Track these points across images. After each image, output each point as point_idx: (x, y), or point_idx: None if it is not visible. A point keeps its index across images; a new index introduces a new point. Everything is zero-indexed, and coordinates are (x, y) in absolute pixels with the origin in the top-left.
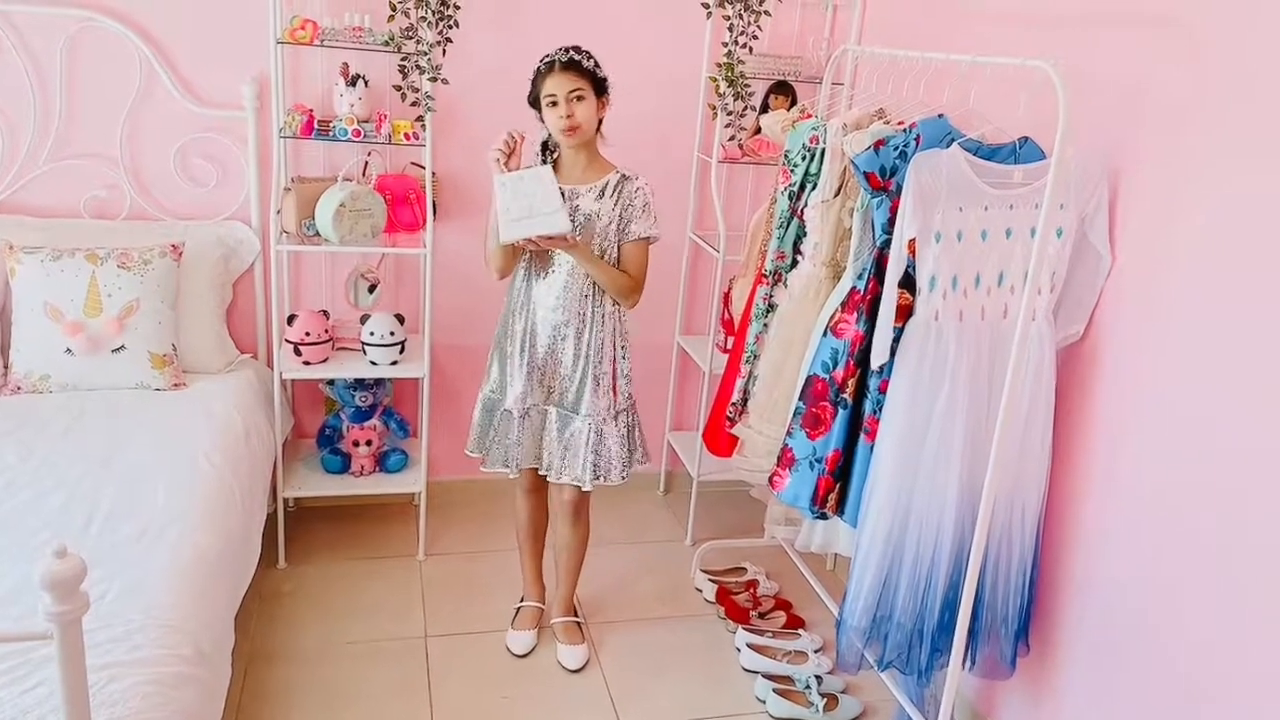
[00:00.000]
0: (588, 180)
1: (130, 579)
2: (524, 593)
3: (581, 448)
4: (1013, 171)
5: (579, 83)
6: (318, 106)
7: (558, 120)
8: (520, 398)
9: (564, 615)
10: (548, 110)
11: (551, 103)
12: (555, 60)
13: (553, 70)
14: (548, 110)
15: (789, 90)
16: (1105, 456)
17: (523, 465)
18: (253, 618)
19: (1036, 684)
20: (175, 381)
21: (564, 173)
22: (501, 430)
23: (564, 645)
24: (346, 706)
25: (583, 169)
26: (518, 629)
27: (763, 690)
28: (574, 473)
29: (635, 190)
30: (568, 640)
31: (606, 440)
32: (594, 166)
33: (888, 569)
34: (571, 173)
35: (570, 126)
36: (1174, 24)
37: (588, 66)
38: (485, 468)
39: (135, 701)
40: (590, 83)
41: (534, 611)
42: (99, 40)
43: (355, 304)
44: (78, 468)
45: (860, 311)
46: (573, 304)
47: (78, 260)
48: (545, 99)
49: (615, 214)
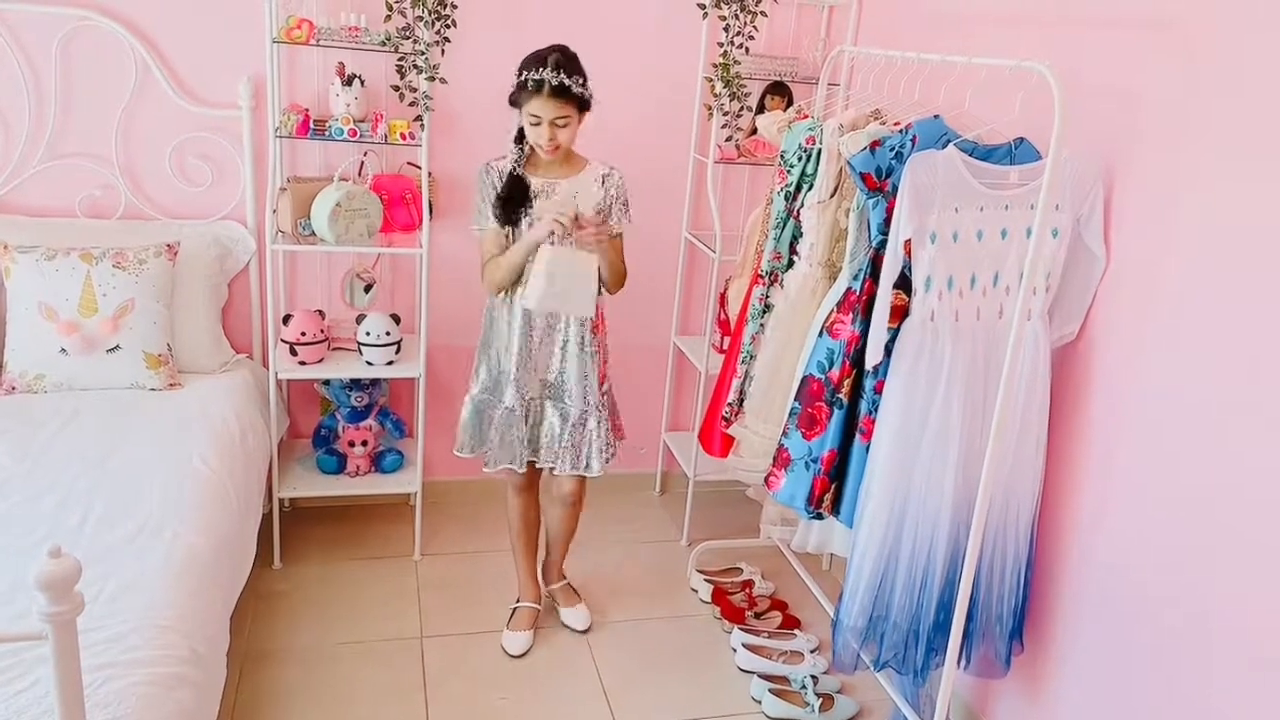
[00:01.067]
0: (565, 174)
1: (125, 579)
2: (519, 593)
3: (588, 437)
4: (1008, 172)
5: (566, 110)
6: (313, 106)
7: (539, 139)
8: (519, 394)
9: (560, 580)
10: (530, 126)
11: (534, 123)
12: (545, 82)
13: (540, 92)
14: (530, 126)
15: (785, 91)
16: (1100, 457)
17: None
18: (248, 618)
19: (1031, 683)
20: (170, 381)
21: (541, 166)
22: (503, 428)
23: (567, 609)
24: (342, 707)
25: (559, 164)
26: (514, 629)
27: (758, 690)
28: (580, 463)
29: (619, 184)
30: (568, 603)
31: (600, 427)
32: (570, 161)
33: (883, 569)
34: (549, 166)
35: (553, 148)
36: (1169, 26)
37: (576, 92)
38: (490, 468)
39: (130, 702)
40: (576, 106)
41: (530, 612)
42: (94, 39)
43: (351, 304)
44: (72, 468)
45: (856, 312)
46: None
47: (72, 260)
48: (528, 117)
49: (605, 206)
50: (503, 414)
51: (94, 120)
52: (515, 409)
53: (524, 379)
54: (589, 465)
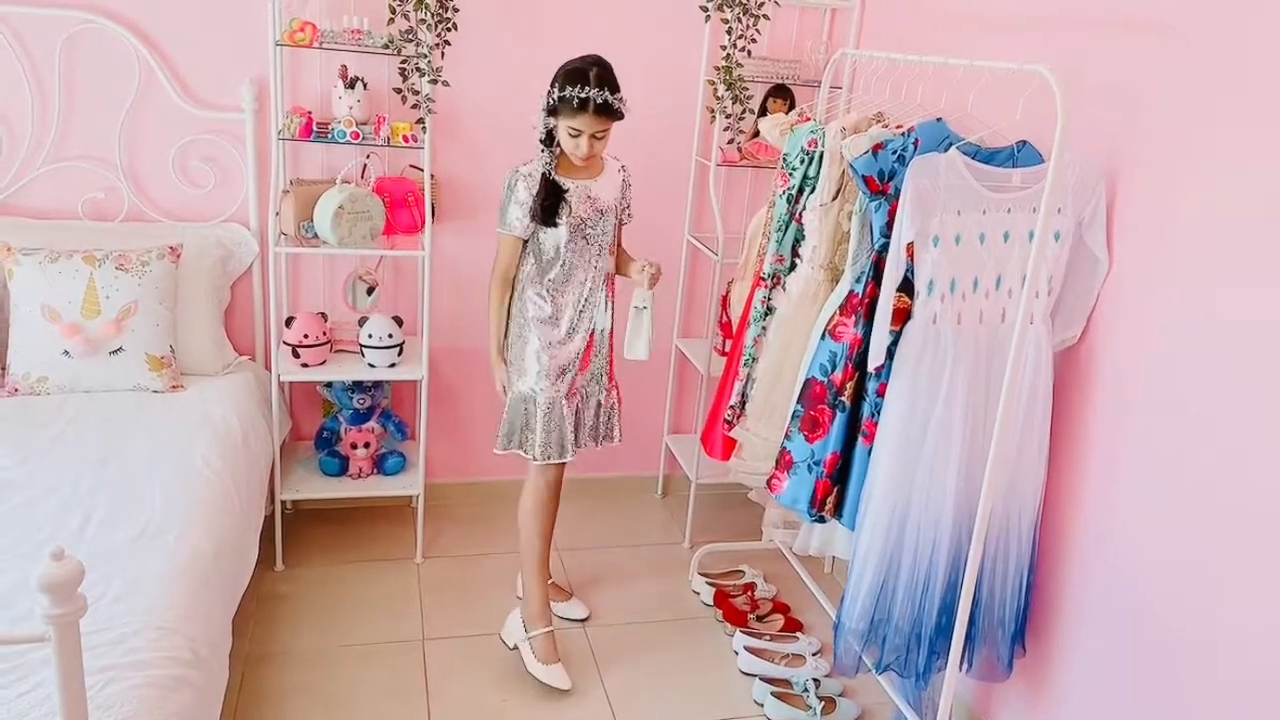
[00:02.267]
0: (592, 175)
1: (127, 581)
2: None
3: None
4: (1011, 175)
5: (606, 125)
6: (316, 109)
7: (576, 150)
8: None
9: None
10: (567, 137)
11: (574, 135)
12: (590, 100)
13: (585, 110)
14: (567, 137)
15: (787, 94)
16: (1102, 460)
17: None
18: (250, 620)
19: (1033, 686)
20: (173, 383)
21: (570, 169)
22: (555, 420)
23: (564, 603)
24: (344, 709)
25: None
26: (550, 663)
27: (760, 693)
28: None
29: (628, 177)
30: (562, 597)
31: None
32: (595, 162)
33: (885, 572)
34: (577, 169)
35: (589, 159)
36: (1170, 29)
37: (617, 108)
38: (539, 460)
39: (132, 704)
40: (613, 120)
41: (553, 638)
42: (97, 41)
43: (354, 306)
44: (75, 469)
45: (858, 315)
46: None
47: (75, 262)
48: (567, 130)
49: (620, 201)
50: (549, 407)
51: (97, 123)
52: (557, 402)
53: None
54: (612, 435)
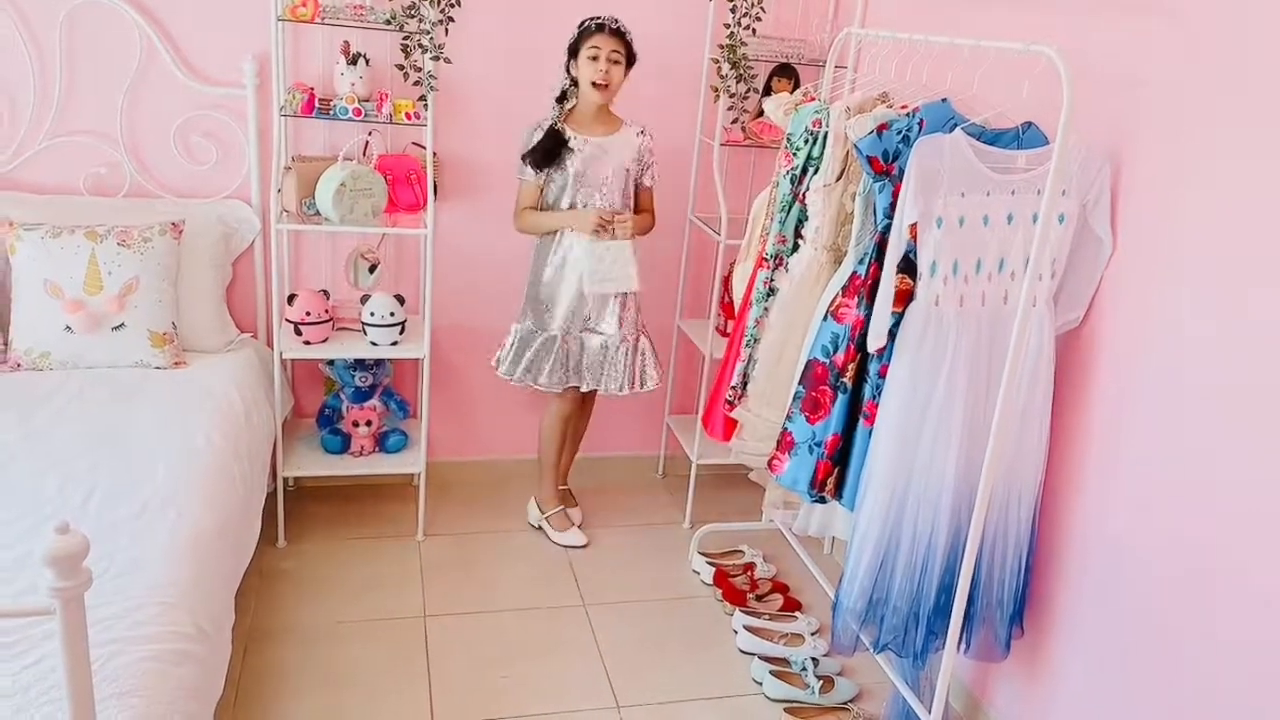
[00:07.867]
0: (603, 131)
1: (130, 556)
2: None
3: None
4: (1016, 156)
5: (619, 46)
6: (318, 85)
7: (594, 72)
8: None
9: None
10: (586, 62)
11: (592, 56)
12: (605, 23)
13: (602, 31)
14: (586, 62)
15: (792, 73)
16: (1103, 442)
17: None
18: (252, 595)
19: (1031, 666)
20: (175, 360)
21: (581, 124)
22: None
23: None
24: (345, 684)
25: (598, 120)
26: (563, 529)
27: (759, 672)
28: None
29: (648, 144)
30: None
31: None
32: (608, 120)
33: (884, 552)
34: (591, 125)
35: (604, 82)
36: (1177, 12)
37: (628, 37)
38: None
39: (137, 677)
40: (626, 51)
41: (565, 515)
42: (98, 16)
43: (355, 284)
44: (77, 445)
45: (861, 296)
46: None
47: (77, 238)
48: (587, 51)
49: (635, 162)
50: (544, 341)
51: (99, 98)
52: (558, 338)
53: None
54: (644, 382)
